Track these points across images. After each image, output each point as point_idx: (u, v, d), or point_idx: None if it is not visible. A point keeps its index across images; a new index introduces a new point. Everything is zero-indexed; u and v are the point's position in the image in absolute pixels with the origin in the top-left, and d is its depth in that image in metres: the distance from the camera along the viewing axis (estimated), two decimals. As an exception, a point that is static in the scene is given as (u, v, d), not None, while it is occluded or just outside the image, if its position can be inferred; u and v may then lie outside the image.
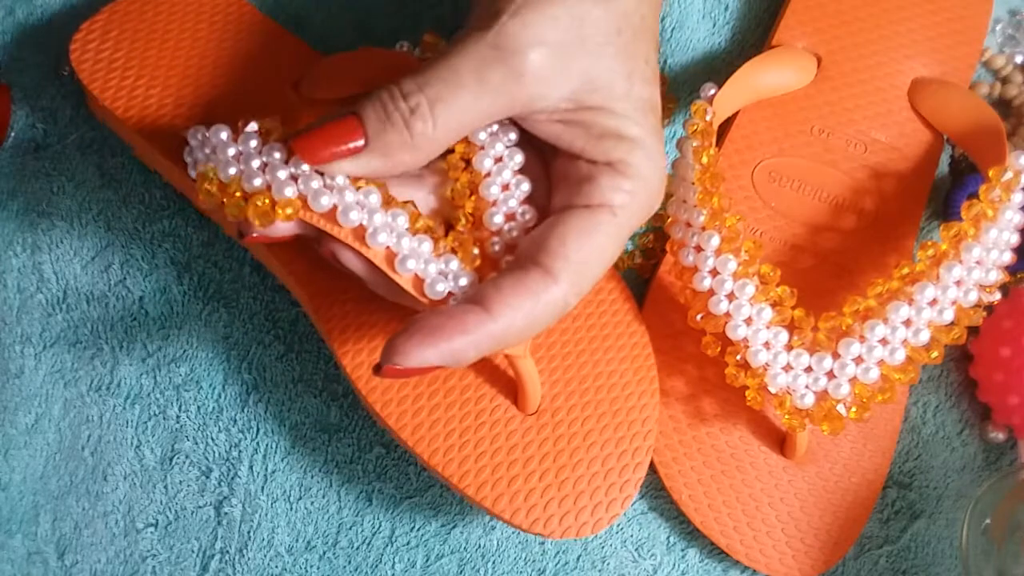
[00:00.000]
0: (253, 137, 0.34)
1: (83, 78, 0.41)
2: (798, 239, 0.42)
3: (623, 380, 0.38)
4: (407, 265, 0.33)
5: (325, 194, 0.33)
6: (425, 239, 0.33)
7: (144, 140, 0.41)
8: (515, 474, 0.36)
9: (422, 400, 0.37)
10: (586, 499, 0.36)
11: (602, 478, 0.36)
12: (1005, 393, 0.40)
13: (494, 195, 0.35)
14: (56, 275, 0.43)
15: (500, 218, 0.35)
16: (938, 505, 0.41)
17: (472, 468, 0.36)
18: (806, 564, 0.39)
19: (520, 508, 0.36)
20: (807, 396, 0.36)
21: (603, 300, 0.40)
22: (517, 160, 0.35)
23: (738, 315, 0.36)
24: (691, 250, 0.37)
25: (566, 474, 0.36)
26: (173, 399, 0.42)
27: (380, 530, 0.41)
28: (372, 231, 0.33)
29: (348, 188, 0.33)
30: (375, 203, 0.33)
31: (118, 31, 0.43)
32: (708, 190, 0.37)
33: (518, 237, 0.35)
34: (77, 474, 0.41)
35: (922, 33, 0.44)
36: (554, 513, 0.36)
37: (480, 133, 0.35)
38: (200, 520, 0.41)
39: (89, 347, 0.42)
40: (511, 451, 0.36)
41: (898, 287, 0.36)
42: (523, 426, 0.37)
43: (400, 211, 0.33)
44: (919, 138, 0.43)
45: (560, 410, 0.37)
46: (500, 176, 0.35)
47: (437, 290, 0.33)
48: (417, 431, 0.37)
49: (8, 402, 0.42)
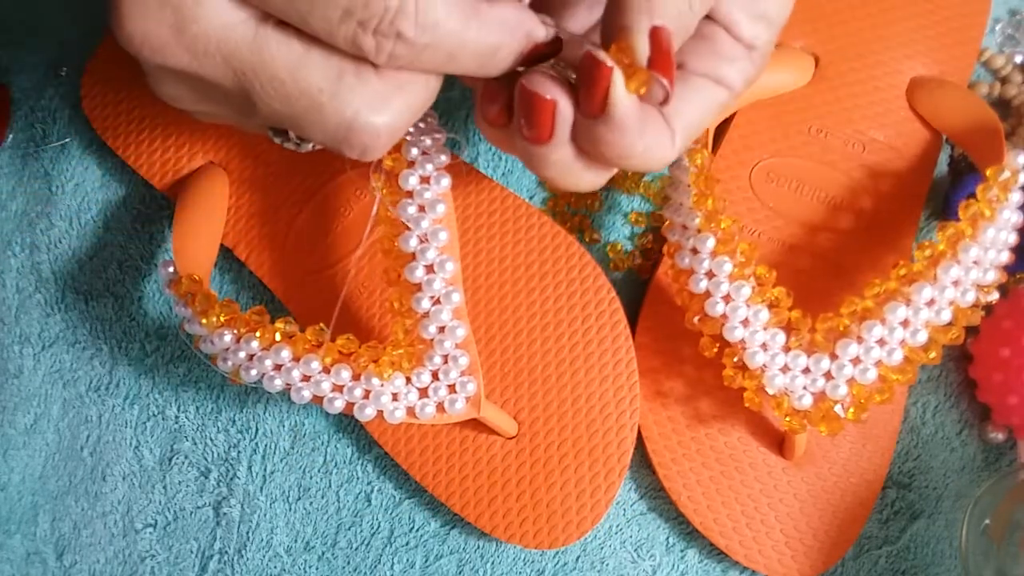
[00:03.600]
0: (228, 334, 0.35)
1: (96, 127, 0.43)
2: (796, 239, 0.42)
3: (603, 402, 0.39)
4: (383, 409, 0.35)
5: (305, 388, 0.34)
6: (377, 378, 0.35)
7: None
8: (495, 493, 0.39)
9: (415, 428, 0.39)
10: (558, 517, 0.38)
11: (574, 498, 0.38)
12: (1005, 393, 0.40)
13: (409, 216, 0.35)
14: (55, 275, 0.43)
15: (421, 271, 0.35)
16: (937, 505, 0.41)
17: (457, 489, 0.39)
18: (805, 564, 0.39)
19: (499, 523, 0.39)
20: (805, 397, 0.36)
21: (589, 315, 0.40)
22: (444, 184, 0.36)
23: (735, 317, 0.36)
24: (687, 252, 0.37)
25: (541, 494, 0.39)
26: (172, 399, 0.42)
27: (379, 531, 0.41)
28: (359, 406, 0.35)
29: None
30: (315, 368, 0.34)
31: (118, 69, 0.44)
32: (703, 192, 0.37)
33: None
34: (76, 474, 0.41)
35: (920, 33, 0.44)
36: (529, 529, 0.38)
37: (412, 149, 0.35)
38: (199, 520, 0.41)
39: (88, 347, 0.42)
40: (491, 473, 0.39)
41: (896, 288, 0.36)
42: (503, 450, 0.39)
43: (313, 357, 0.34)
44: (917, 138, 0.43)
45: (538, 434, 0.39)
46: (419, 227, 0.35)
47: (427, 413, 0.35)
48: (411, 456, 0.39)
49: (7, 402, 0.42)
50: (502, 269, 0.40)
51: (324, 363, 0.34)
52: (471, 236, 0.41)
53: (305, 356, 0.34)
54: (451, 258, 0.35)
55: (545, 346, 0.40)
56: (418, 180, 0.35)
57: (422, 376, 0.35)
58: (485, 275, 0.40)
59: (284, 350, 0.34)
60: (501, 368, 0.40)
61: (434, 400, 0.35)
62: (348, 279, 0.40)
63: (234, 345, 0.34)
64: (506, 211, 0.41)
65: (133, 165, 0.42)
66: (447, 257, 0.35)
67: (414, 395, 0.35)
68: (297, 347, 0.34)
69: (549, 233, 0.41)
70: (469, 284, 0.40)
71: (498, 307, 0.40)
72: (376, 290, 0.40)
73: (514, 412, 0.39)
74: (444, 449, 0.39)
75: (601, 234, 0.44)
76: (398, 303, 0.35)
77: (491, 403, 0.38)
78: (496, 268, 0.41)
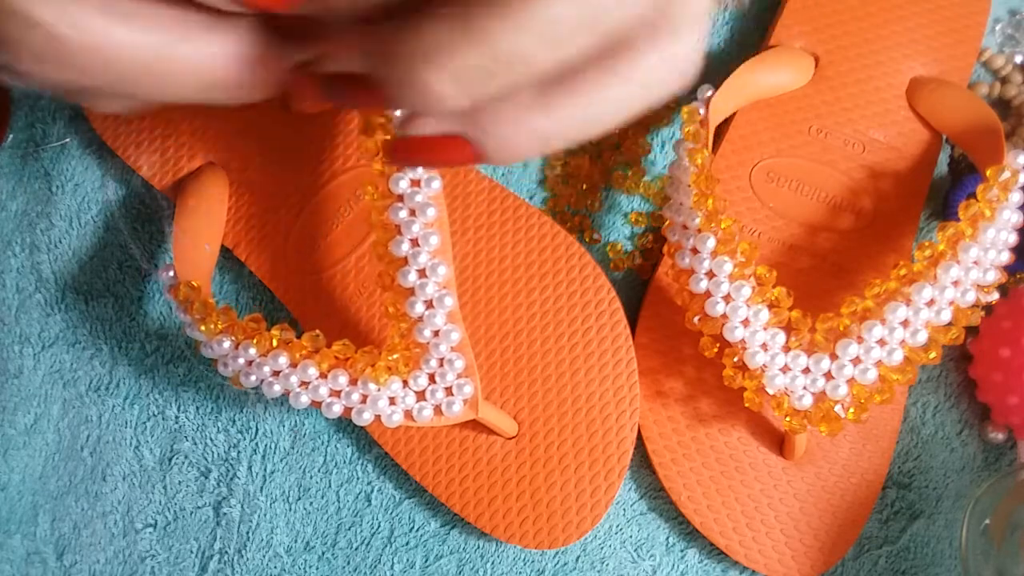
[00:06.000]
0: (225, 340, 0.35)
1: (96, 127, 0.43)
2: (796, 239, 0.42)
3: (603, 402, 0.39)
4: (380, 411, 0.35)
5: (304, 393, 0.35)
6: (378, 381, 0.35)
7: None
8: (495, 494, 0.39)
9: (415, 428, 0.39)
10: (558, 517, 0.38)
11: (574, 498, 0.38)
12: (1005, 393, 0.40)
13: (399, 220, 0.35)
14: (55, 275, 0.43)
15: (413, 276, 0.35)
16: (937, 505, 0.41)
17: (457, 489, 0.39)
18: (805, 565, 0.39)
19: (499, 524, 0.39)
20: (805, 397, 0.36)
21: (589, 315, 0.40)
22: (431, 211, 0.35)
23: (735, 317, 0.36)
24: (687, 252, 0.37)
25: (540, 494, 0.38)
26: (172, 399, 0.42)
27: (379, 531, 0.41)
28: (356, 410, 0.35)
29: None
30: (313, 375, 0.34)
31: None
32: (703, 192, 0.37)
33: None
34: (76, 474, 0.41)
35: (920, 32, 0.44)
36: (528, 529, 0.38)
37: (401, 182, 0.35)
38: (199, 520, 0.41)
39: (88, 347, 0.42)
40: (491, 473, 0.39)
41: (896, 288, 0.36)
42: (503, 450, 0.39)
43: (310, 363, 0.34)
44: (917, 138, 0.43)
45: (538, 434, 0.39)
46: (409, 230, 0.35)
47: (425, 416, 0.35)
48: (410, 456, 0.39)
49: (7, 402, 0.42)
50: (502, 269, 0.40)
51: (321, 369, 0.34)
52: (471, 236, 0.41)
53: (302, 362, 0.34)
54: (443, 262, 0.35)
55: (545, 346, 0.40)
56: (408, 183, 0.35)
57: (419, 379, 0.35)
58: (485, 275, 0.40)
59: (281, 356, 0.34)
60: (501, 368, 0.40)
61: (431, 403, 0.35)
62: (347, 282, 0.40)
63: (233, 351, 0.35)
64: (506, 211, 0.41)
65: (133, 165, 0.42)
66: (439, 261, 0.35)
67: (411, 398, 0.35)
68: (294, 353, 0.34)
69: (549, 233, 0.41)
70: (469, 284, 0.40)
71: (498, 307, 0.40)
72: (376, 292, 0.40)
73: (514, 412, 0.39)
74: (444, 449, 0.39)
75: (601, 234, 0.44)
76: (393, 307, 0.35)
77: (490, 404, 0.38)
78: (496, 268, 0.41)
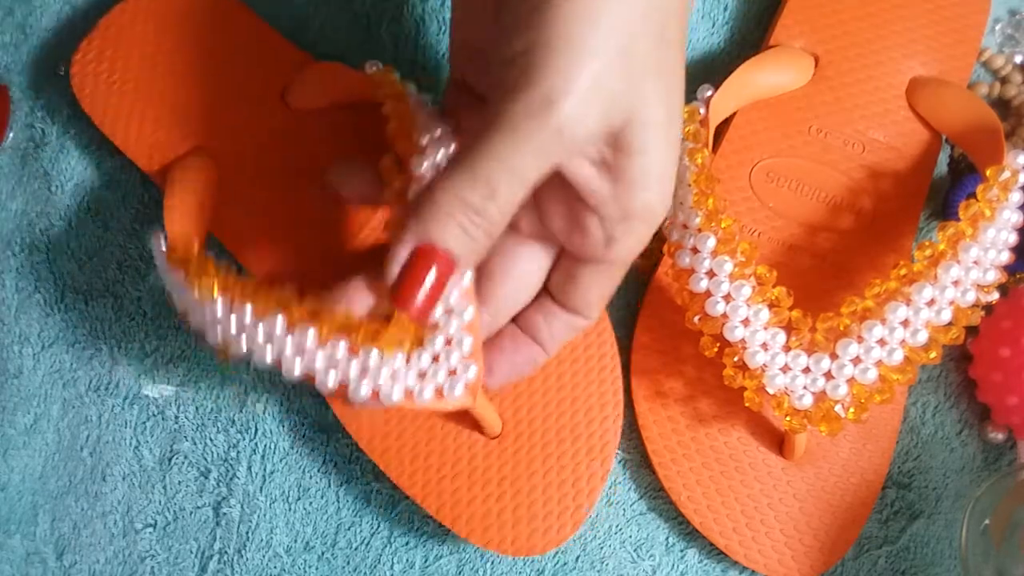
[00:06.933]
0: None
1: (84, 106, 0.42)
2: (796, 239, 0.42)
3: (587, 404, 0.39)
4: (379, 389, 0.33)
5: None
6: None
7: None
8: (474, 495, 0.38)
9: (392, 424, 0.39)
10: (538, 521, 0.38)
11: (556, 502, 0.38)
12: (1004, 393, 0.40)
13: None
14: (54, 275, 0.43)
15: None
16: (937, 505, 0.41)
17: (434, 489, 0.38)
18: (805, 565, 0.39)
19: (476, 528, 0.38)
20: (805, 397, 0.36)
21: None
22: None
23: (735, 316, 0.36)
24: (687, 252, 0.37)
25: (521, 498, 0.38)
26: (171, 399, 0.42)
27: (379, 530, 0.41)
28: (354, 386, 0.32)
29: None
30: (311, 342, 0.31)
31: (113, 49, 0.43)
32: (703, 192, 0.37)
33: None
34: (76, 474, 0.41)
35: (920, 32, 0.44)
36: (507, 534, 0.38)
37: (424, 137, 0.35)
38: (199, 521, 0.41)
39: (88, 347, 0.42)
40: (471, 474, 0.38)
41: (896, 287, 0.36)
42: (484, 450, 0.39)
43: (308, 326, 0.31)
44: (917, 138, 0.43)
45: (522, 435, 0.39)
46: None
47: (426, 397, 0.33)
48: (386, 454, 0.38)
49: (7, 402, 0.42)
50: None
51: (321, 334, 0.31)
52: None
53: (300, 325, 0.31)
54: None
55: None
56: (432, 167, 0.34)
57: (422, 357, 0.33)
58: None
59: (278, 318, 0.31)
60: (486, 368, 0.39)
61: (432, 384, 0.33)
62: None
63: (226, 314, 0.32)
64: None
65: (120, 146, 0.41)
66: None
67: (412, 377, 0.33)
68: (292, 315, 0.31)
69: None
70: None
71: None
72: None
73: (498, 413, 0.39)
74: (423, 447, 0.38)
75: (601, 234, 0.44)
76: None
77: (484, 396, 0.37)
78: None
